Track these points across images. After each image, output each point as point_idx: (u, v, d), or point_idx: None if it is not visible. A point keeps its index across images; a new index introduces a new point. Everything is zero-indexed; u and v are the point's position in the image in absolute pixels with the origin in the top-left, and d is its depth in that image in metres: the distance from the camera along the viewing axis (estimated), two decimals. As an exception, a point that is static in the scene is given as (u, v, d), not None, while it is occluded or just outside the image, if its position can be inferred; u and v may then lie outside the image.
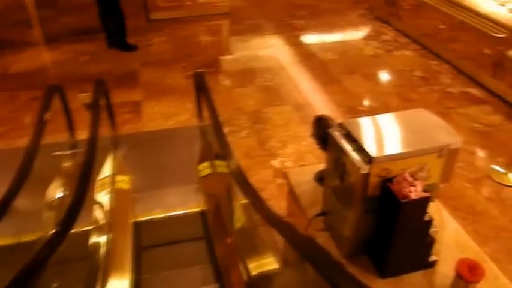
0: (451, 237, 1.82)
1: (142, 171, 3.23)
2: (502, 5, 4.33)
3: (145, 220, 2.80)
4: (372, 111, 4.07)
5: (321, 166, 2.15)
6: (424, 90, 4.48)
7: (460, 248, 1.76)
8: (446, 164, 1.60)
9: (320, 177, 2.10)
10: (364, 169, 1.47)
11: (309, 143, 3.54)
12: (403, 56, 5.22)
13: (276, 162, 3.47)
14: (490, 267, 1.66)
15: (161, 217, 2.83)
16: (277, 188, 3.17)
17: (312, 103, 4.31)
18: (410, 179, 1.50)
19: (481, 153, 3.53)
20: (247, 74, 4.85)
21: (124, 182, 2.79)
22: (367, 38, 5.74)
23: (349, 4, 6.93)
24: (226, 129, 3.82)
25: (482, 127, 3.83)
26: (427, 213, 1.52)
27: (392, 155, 1.49)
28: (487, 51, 4.28)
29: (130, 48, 5.42)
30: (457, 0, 4.70)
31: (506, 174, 3.26)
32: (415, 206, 1.46)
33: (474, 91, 4.38)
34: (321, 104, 4.31)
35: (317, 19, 6.35)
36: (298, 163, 3.42)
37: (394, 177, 1.51)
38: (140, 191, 2.94)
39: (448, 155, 1.58)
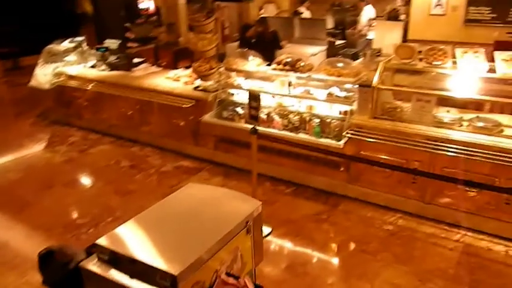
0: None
1: None
2: (177, 80, 4.55)
3: None
4: (95, 220, 3.36)
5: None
6: (140, 177, 4.11)
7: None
8: (255, 238, 1.20)
9: None
10: (171, 300, 0.88)
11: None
12: (101, 151, 4.75)
13: None
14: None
15: None
16: None
17: (9, 241, 3.19)
18: (232, 280, 1.00)
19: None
20: None
21: None
22: (52, 145, 4.97)
23: (12, 117, 6.01)
24: None
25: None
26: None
27: (198, 259, 0.96)
28: (182, 123, 4.35)
29: None
30: (136, 84, 4.65)
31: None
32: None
33: (186, 163, 4.34)
34: (23, 237, 3.26)
35: (-22, 141, 5.09)
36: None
37: (211, 287, 0.97)
38: None
39: (254, 224, 1.18)
